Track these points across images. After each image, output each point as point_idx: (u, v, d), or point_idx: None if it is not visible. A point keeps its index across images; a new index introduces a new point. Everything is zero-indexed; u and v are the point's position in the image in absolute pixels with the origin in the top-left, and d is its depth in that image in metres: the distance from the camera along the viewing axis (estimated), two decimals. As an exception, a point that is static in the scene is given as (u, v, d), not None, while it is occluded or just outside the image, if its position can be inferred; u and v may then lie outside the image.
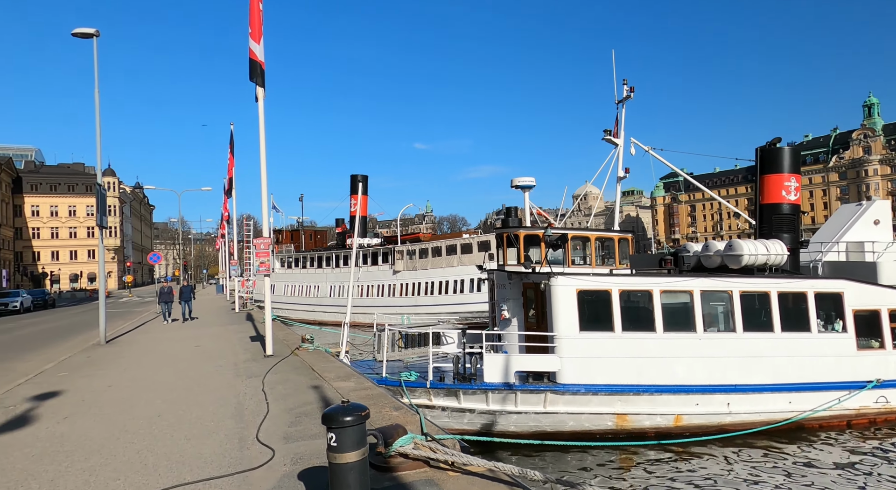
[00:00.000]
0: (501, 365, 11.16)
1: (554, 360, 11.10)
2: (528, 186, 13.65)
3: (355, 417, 3.13)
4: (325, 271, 42.90)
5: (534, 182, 13.60)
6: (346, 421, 3.09)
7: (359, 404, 3.27)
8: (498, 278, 13.52)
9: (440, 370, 12.07)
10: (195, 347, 13.40)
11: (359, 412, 3.17)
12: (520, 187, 13.70)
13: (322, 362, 10.23)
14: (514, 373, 11.14)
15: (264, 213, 11.15)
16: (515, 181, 13.63)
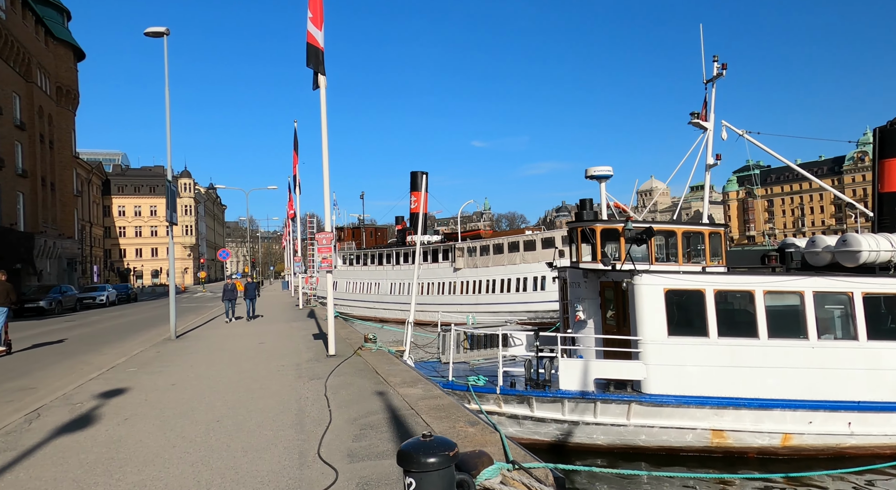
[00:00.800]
0: (579, 371, 10.15)
1: (639, 367, 9.96)
2: (604, 176, 12.49)
3: (441, 458, 2.33)
4: (385, 268, 42.98)
5: (611, 171, 12.42)
6: (429, 463, 2.30)
7: (445, 440, 2.48)
8: (571, 276, 12.48)
9: (509, 375, 11.22)
10: (259, 345, 13.25)
11: (446, 451, 2.36)
12: (595, 178, 12.56)
13: (386, 364, 9.64)
14: (593, 380, 10.10)
15: (326, 206, 10.72)
16: (590, 171, 12.51)
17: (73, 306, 33.38)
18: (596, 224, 11.98)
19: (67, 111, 51.14)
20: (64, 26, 51.07)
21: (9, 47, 38.87)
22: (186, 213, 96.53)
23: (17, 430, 6.29)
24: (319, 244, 10.64)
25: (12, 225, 38.20)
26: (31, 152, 42.16)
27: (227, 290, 20.35)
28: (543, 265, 33.61)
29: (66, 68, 50.47)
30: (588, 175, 12.62)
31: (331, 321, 10.97)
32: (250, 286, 21.35)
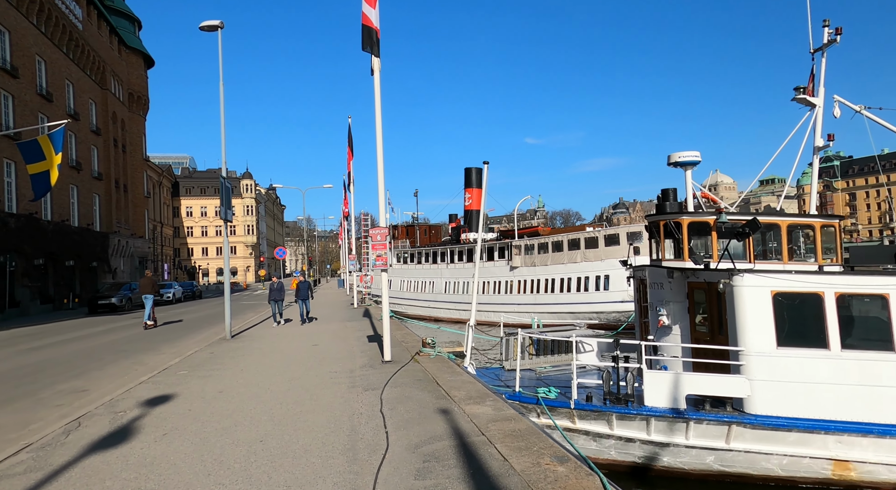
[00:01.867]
0: (668, 385, 8.79)
1: (741, 382, 8.50)
2: (690, 163, 10.98)
3: None
4: (440, 267, 42.26)
5: (698, 157, 10.90)
6: None
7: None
8: (652, 276, 11.06)
9: (584, 387, 9.99)
10: (312, 347, 12.65)
11: None
12: (679, 164, 11.08)
13: (447, 374, 8.68)
14: (684, 396, 8.72)
15: (381, 198, 9.88)
16: (673, 157, 11.03)
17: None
18: (682, 217, 10.53)
19: (138, 116, 53.68)
20: (135, 35, 53.62)
21: (85, 56, 40.99)
22: (248, 213, 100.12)
23: (52, 444, 5.77)
24: (374, 240, 9.82)
25: (89, 225, 40.28)
26: (105, 156, 44.38)
27: (274, 290, 17.94)
28: (607, 264, 31.87)
29: (137, 75, 52.96)
30: (671, 162, 11.15)
31: (386, 324, 10.14)
32: (303, 286, 18.68)
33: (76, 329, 21.35)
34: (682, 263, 10.50)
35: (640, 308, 12.55)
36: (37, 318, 28.07)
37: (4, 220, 28.75)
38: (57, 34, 36.36)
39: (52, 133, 20.28)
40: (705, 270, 9.40)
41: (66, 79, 37.74)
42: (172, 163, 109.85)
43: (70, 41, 38.36)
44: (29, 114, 31.86)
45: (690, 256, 9.39)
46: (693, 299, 10.19)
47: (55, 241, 33.92)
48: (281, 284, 18.10)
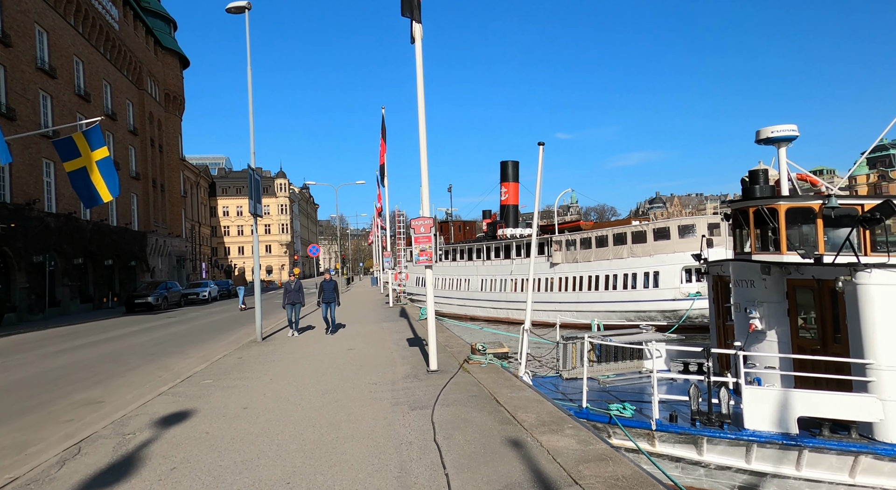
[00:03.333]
0: (775, 405, 7.26)
1: (870, 403, 6.89)
2: (785, 138, 9.34)
3: None
4: (475, 264, 40.91)
5: (795, 131, 9.25)
6: None
7: None
8: (738, 272, 9.47)
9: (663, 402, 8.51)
10: (347, 351, 11.53)
11: None
12: (770, 141, 9.45)
13: (505, 387, 7.37)
14: (795, 418, 7.17)
15: (423, 181, 8.64)
16: (764, 132, 9.41)
17: (178, 302, 34.63)
18: (779, 202, 8.91)
19: (174, 116, 54.19)
20: (171, 36, 54.11)
21: (122, 57, 41.32)
22: (282, 211, 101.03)
23: (40, 479, 4.74)
24: (416, 232, 8.60)
25: (127, 224, 40.63)
26: (142, 156, 44.78)
27: (290, 291, 14.19)
28: (656, 259, 29.85)
29: (173, 76, 53.44)
30: (761, 138, 9.52)
31: (431, 328, 8.89)
32: (328, 286, 14.54)
33: (110, 329, 20.97)
34: (780, 257, 8.89)
35: (718, 309, 10.95)
36: (76, 318, 28.12)
37: (44, 220, 28.92)
38: (94, 35, 36.62)
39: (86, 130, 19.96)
40: (817, 265, 7.79)
41: (103, 79, 38.03)
42: (209, 163, 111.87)
43: (107, 42, 38.64)
44: (67, 114, 32.05)
45: (796, 249, 7.82)
46: (794, 299, 8.56)
47: (94, 241, 34.16)
48: (299, 284, 14.34)
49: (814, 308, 8.20)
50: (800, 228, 9.03)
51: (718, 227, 28.21)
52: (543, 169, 10.39)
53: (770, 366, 8.63)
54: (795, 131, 9.25)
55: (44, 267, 27.75)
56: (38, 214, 28.34)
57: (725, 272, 10.47)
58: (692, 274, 28.31)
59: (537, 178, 10.10)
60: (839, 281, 7.26)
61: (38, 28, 30.02)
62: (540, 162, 10.09)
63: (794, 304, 8.55)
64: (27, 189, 27.79)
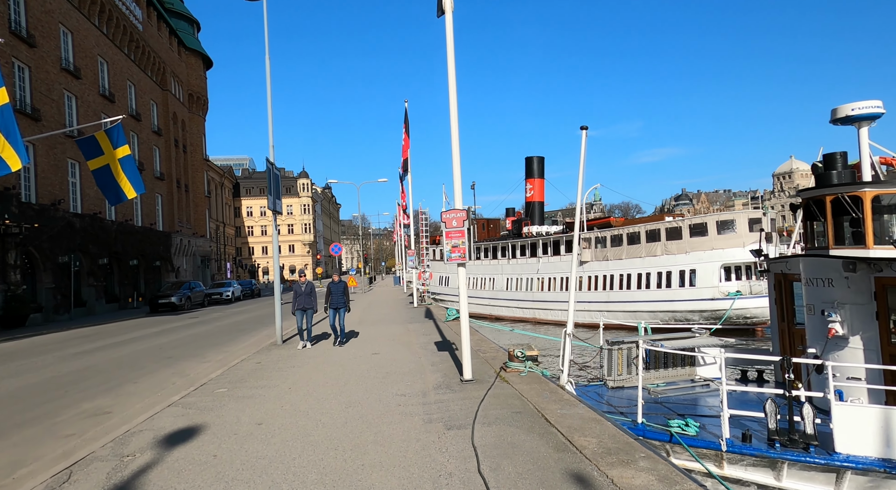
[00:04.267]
0: (872, 425, 6.18)
1: None
2: (867, 116, 8.18)
3: None
4: (500, 262, 39.89)
5: (881, 108, 8.09)
6: None
7: None
8: (812, 270, 8.35)
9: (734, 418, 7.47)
10: (372, 356, 10.73)
11: None
12: (850, 120, 8.30)
13: (552, 402, 6.45)
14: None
15: (455, 169, 7.75)
16: (843, 110, 8.27)
17: (202, 302, 34.47)
18: (864, 189, 7.77)
19: (198, 116, 54.45)
20: (194, 36, 54.37)
21: (146, 58, 41.47)
22: (305, 211, 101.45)
23: (15, 516, 4.01)
24: (448, 226, 7.72)
25: (152, 224, 40.78)
26: (166, 156, 44.96)
27: (300, 295, 12.26)
28: (692, 257, 28.39)
29: (197, 76, 53.68)
30: (839, 116, 8.39)
31: (465, 333, 8.00)
32: (336, 289, 12.47)
33: (132, 330, 20.65)
34: (866, 251, 7.76)
35: (783, 311, 9.81)
36: (101, 318, 28.06)
37: (70, 220, 28.96)
38: (118, 35, 36.73)
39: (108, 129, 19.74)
40: (917, 261, 6.67)
41: (127, 80, 38.16)
42: (233, 164, 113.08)
43: (131, 42, 38.77)
44: (92, 114, 32.11)
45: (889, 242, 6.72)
46: (885, 301, 7.42)
47: (119, 241, 34.24)
48: (311, 287, 12.35)
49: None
50: (883, 219, 7.89)
51: (760, 222, 26.69)
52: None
53: (854, 376, 7.51)
54: (880, 108, 8.10)
55: (69, 267, 27.75)
56: (64, 214, 28.37)
57: (792, 270, 9.34)
58: (731, 272, 26.87)
59: (580, 164, 9.13)
60: (950, 279, 6.14)
61: (63, 28, 30.09)
62: (583, 148, 9.13)
63: (884, 305, 7.41)
64: (52, 189, 27.83)
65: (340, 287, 12.60)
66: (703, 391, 9.57)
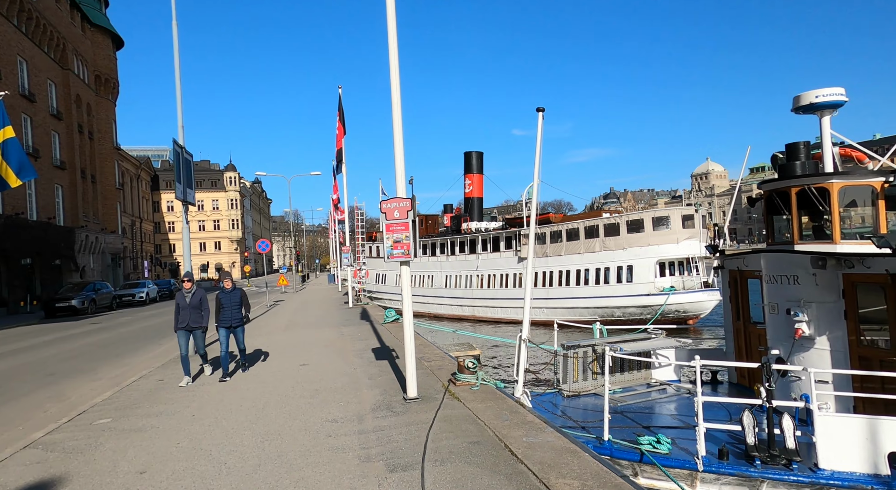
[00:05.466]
0: (857, 437, 5.65)
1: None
2: (830, 105, 7.81)
3: None
4: (439, 259, 38.96)
5: (842, 96, 7.74)
6: None
7: None
8: (775, 266, 7.89)
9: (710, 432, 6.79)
10: (299, 369, 9.32)
11: None
12: (812, 109, 7.91)
13: (515, 426, 5.43)
14: (886, 454, 5.57)
15: (397, 151, 6.57)
16: (806, 97, 7.86)
17: (109, 305, 31.00)
18: (831, 180, 7.35)
19: (107, 101, 49.47)
20: (101, 12, 49.28)
21: (41, 31, 36.84)
22: (232, 206, 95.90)
23: None
24: (389, 217, 6.53)
25: (50, 219, 36.32)
26: (68, 143, 40.31)
27: (185, 308, 8.54)
28: (629, 253, 28.70)
29: (105, 56, 48.69)
30: (802, 104, 7.97)
31: (409, 342, 6.83)
32: (228, 300, 8.99)
33: (16, 339, 17.78)
34: (833, 247, 7.35)
35: (738, 309, 9.41)
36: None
37: (-58, 212, 24.93)
38: (5, 4, 32.24)
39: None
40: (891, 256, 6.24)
41: (17, 54, 33.62)
42: (151, 155, 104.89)
43: (21, 12, 34.21)
44: (-29, 91, 27.84)
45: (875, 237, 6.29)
46: (854, 299, 7.02)
47: (9, 237, 30.05)
48: (200, 296, 8.58)
49: (885, 309, 6.68)
50: (850, 212, 7.54)
51: (692, 218, 27.37)
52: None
53: (821, 380, 7.07)
54: (843, 95, 7.76)
55: (-59, 267, 23.85)
56: (-66, 206, 24.34)
57: (749, 266, 8.92)
58: (666, 268, 27.39)
59: (537, 147, 8.23)
60: (932, 276, 5.71)
61: (-67, -10, 25.82)
62: (539, 130, 8.23)
63: (853, 304, 7.01)
64: (-81, 176, 23.72)
65: (235, 297, 8.92)
66: (662, 397, 8.97)
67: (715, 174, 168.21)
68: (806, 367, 7.35)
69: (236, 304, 9.07)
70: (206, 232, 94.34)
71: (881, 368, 6.64)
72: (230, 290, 9.10)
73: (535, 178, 8.25)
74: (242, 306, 9.15)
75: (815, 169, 7.93)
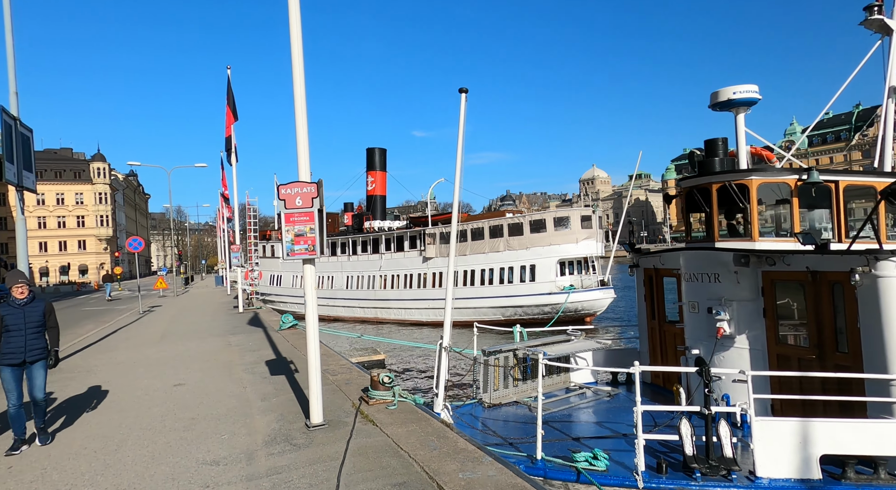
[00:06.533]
0: (791, 442, 5.47)
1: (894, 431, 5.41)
2: (745, 102, 7.87)
3: None
4: (340, 259, 37.14)
5: (756, 93, 7.83)
6: None
7: None
8: (694, 264, 7.78)
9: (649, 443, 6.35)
10: (173, 389, 7.67)
11: None
12: (729, 105, 7.93)
13: (445, 456, 4.52)
14: (817, 458, 5.44)
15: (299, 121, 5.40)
16: (724, 94, 7.87)
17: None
18: (751, 176, 7.33)
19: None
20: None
21: None
22: (100, 201, 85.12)
23: None
24: (289, 205, 5.31)
25: None
26: None
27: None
28: (532, 252, 29.14)
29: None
30: (720, 100, 7.98)
31: (314, 355, 5.64)
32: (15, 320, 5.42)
33: None
34: (753, 244, 7.33)
35: (653, 308, 9.32)
36: None
37: None
38: None
39: None
40: (818, 253, 6.22)
41: None
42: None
43: None
44: None
45: (801, 235, 6.23)
46: (773, 297, 7.01)
47: None
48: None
49: (804, 307, 6.71)
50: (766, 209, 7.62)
51: (590, 219, 28.43)
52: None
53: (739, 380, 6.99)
54: (757, 93, 7.85)
55: None
56: None
57: (666, 264, 8.83)
58: (566, 267, 28.17)
59: (459, 130, 7.45)
60: (855, 273, 5.70)
61: None
62: (462, 112, 7.45)
63: (771, 302, 7.00)
64: None
65: (35, 314, 5.56)
66: (583, 402, 8.58)
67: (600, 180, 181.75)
68: (726, 366, 7.26)
69: (35, 325, 5.53)
70: (66, 229, 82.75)
71: (799, 366, 6.66)
72: (25, 301, 5.52)
73: (459, 157, 7.47)
74: (46, 330, 5.69)
75: (732, 166, 7.99)
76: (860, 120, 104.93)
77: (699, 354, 7.77)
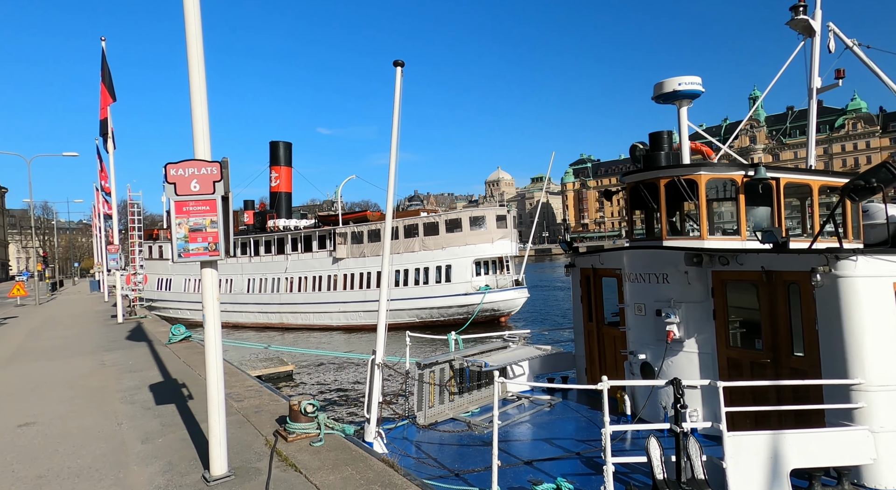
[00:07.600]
0: (762, 457, 5.08)
1: (861, 439, 5.23)
2: (689, 94, 7.62)
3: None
4: (240, 261, 34.15)
5: (699, 85, 7.61)
6: None
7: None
8: (641, 264, 7.38)
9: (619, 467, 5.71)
10: (17, 432, 5.84)
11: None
12: (674, 97, 7.65)
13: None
14: (788, 473, 5.10)
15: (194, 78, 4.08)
16: (669, 85, 7.58)
17: None
18: (699, 171, 7.04)
19: None
20: None
21: None
22: (-58, 193, 72.27)
23: None
24: (181, 191, 3.96)
25: None
26: None
27: None
28: (448, 252, 28.53)
29: None
30: (664, 91, 7.66)
31: (214, 379, 4.32)
32: None
33: None
34: (702, 242, 7.03)
35: (590, 312, 8.89)
36: None
37: None
38: None
39: None
40: (776, 252, 5.96)
41: None
42: None
43: None
44: None
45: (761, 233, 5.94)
46: (724, 299, 6.72)
47: None
48: None
49: (757, 308, 6.47)
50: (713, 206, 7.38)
51: (504, 219, 28.42)
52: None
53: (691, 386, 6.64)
54: (700, 85, 7.63)
55: None
56: None
57: (606, 264, 8.41)
58: (481, 266, 27.91)
59: (395, 105, 6.43)
60: (816, 273, 5.47)
61: None
62: (398, 86, 6.45)
63: (722, 303, 6.72)
64: None
65: None
66: (524, 415, 7.89)
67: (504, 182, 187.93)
68: (674, 372, 6.89)
69: None
70: None
71: (752, 370, 6.42)
72: None
73: (394, 136, 6.47)
74: None
75: (675, 160, 7.73)
76: (728, 132, 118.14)
77: (646, 360, 7.38)
